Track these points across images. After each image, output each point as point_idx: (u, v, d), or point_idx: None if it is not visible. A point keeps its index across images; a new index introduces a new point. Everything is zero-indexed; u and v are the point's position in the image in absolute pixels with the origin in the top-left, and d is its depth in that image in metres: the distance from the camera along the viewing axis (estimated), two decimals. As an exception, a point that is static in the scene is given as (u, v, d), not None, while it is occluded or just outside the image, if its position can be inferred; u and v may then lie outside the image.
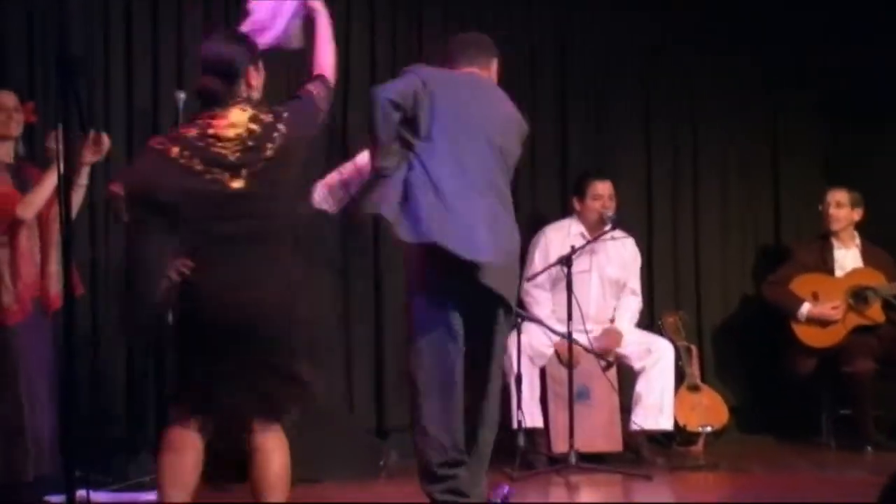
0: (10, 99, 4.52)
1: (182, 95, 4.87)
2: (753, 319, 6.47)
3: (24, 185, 4.43)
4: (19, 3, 5.18)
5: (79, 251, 5.07)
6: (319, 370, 3.44)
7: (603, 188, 5.62)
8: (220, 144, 3.32)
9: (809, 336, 5.92)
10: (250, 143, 3.34)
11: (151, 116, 5.36)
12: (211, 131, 3.34)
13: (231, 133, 3.34)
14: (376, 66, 5.93)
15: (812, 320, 5.91)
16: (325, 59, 3.60)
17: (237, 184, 3.31)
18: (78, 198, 4.35)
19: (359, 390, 5.81)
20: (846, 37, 6.43)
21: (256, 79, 3.49)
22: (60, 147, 3.04)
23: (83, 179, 4.37)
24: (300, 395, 3.40)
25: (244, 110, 3.39)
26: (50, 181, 4.26)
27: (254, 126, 3.37)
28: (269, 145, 3.35)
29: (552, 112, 6.31)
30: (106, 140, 4.36)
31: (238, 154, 3.32)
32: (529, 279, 5.52)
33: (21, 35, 5.18)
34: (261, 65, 3.52)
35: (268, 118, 3.40)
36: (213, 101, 3.41)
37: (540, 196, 6.17)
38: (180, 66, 5.39)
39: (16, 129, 4.49)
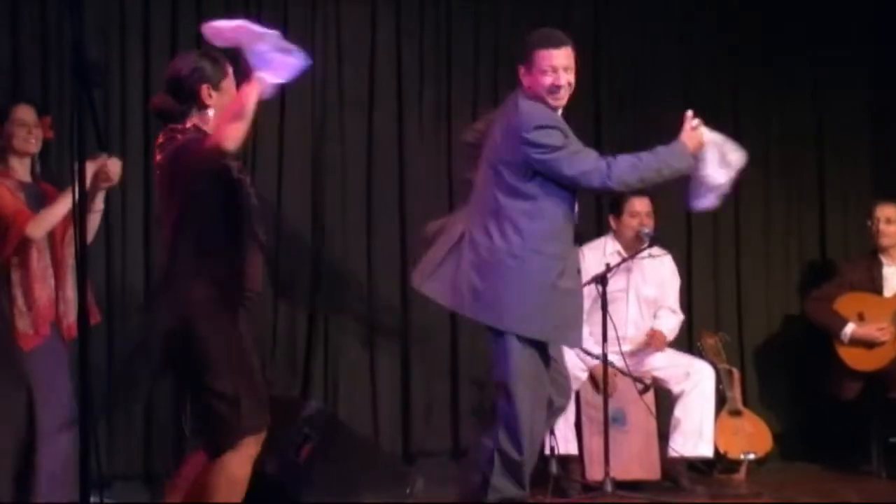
0: (29, 114, 4.46)
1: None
2: (798, 340, 6.42)
3: (39, 204, 4.40)
4: (34, 14, 5.22)
5: (94, 276, 5.13)
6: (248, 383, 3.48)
7: (641, 205, 5.60)
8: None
9: (854, 358, 5.86)
10: (159, 174, 3.56)
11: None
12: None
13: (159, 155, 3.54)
14: (402, 69, 5.95)
15: (857, 342, 5.85)
16: (224, 129, 3.40)
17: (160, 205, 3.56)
18: (94, 223, 4.32)
19: (384, 416, 5.81)
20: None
21: (212, 99, 3.56)
22: (76, 166, 3.02)
23: (98, 205, 4.31)
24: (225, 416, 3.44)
25: (160, 137, 3.56)
26: (64, 203, 4.26)
27: (159, 154, 3.54)
28: (163, 179, 3.53)
29: (586, 127, 6.29)
30: (116, 167, 4.31)
31: (158, 186, 3.58)
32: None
33: (35, 46, 5.22)
34: (224, 85, 3.57)
35: (167, 147, 3.52)
36: (165, 119, 3.59)
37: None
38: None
39: (35, 145, 4.45)
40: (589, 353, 5.29)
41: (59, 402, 4.31)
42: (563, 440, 5.29)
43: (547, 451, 5.13)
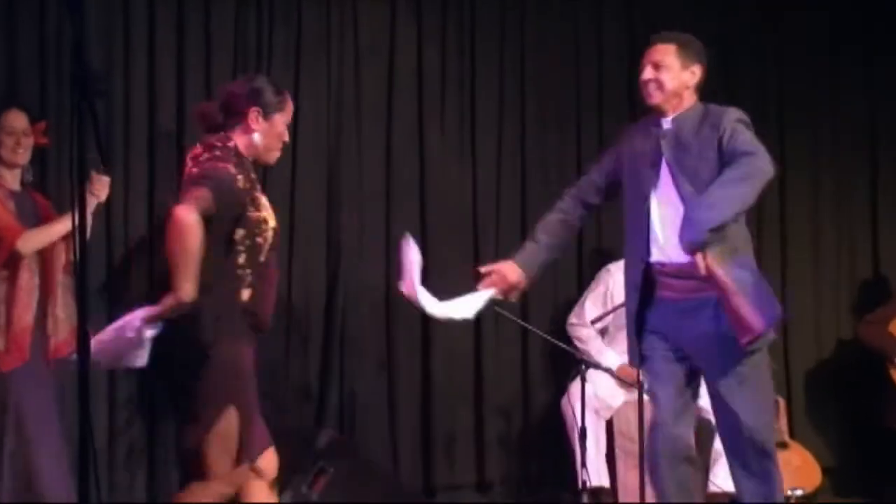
0: (19, 120, 4.46)
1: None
2: (850, 367, 6.38)
3: (29, 215, 4.42)
4: (32, 17, 5.25)
5: (94, 292, 5.16)
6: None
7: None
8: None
9: None
10: (181, 183, 3.74)
11: (175, 140, 5.41)
12: None
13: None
14: (423, 74, 5.96)
15: (915, 367, 5.84)
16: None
17: None
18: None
19: (404, 445, 5.80)
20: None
21: (258, 124, 3.70)
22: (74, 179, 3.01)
23: (86, 220, 4.33)
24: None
25: (197, 147, 3.71)
26: (62, 224, 4.30)
27: (190, 163, 3.71)
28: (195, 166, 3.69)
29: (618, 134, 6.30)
30: (104, 184, 4.36)
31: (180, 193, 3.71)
32: (594, 322, 5.50)
33: (33, 50, 5.24)
34: (276, 117, 3.76)
35: (200, 159, 3.65)
36: (206, 129, 3.77)
37: (605, 229, 6.14)
38: (208, 85, 5.44)
39: (24, 156, 4.47)
40: (624, 380, 5.28)
41: (44, 430, 4.31)
42: (595, 472, 5.27)
43: (578, 485, 5.11)
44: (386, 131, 5.89)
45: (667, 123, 4.00)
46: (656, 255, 3.96)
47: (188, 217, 3.46)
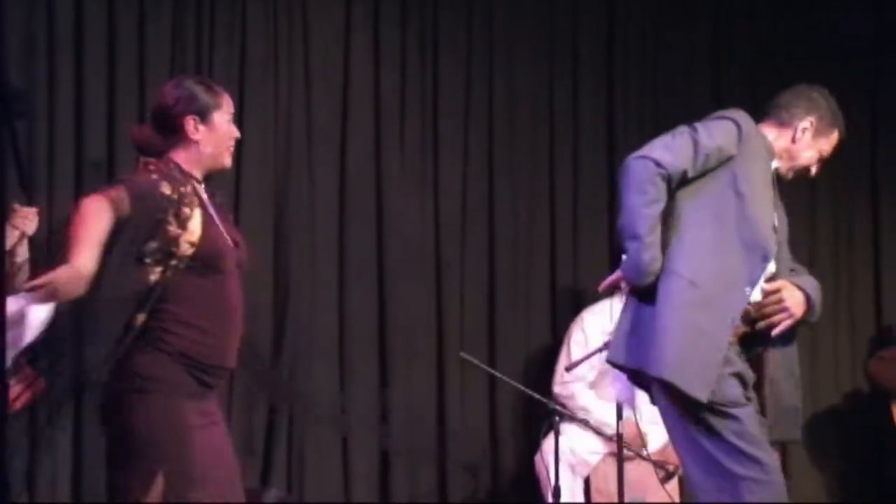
0: None
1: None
2: (852, 414, 6.46)
3: None
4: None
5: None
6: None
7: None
8: None
9: None
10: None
11: (106, 167, 5.40)
12: None
13: None
14: (380, 96, 6.00)
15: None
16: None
17: None
18: (20, 277, 4.32)
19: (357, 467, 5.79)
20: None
21: (199, 133, 3.64)
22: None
23: (19, 256, 4.29)
24: None
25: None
26: None
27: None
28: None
29: (596, 162, 6.37)
30: (30, 214, 4.32)
31: None
32: (568, 369, 5.51)
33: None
34: (216, 118, 3.67)
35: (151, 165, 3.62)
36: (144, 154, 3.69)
37: (581, 270, 6.18)
38: (142, 107, 5.45)
39: None
40: (600, 433, 5.30)
41: None
42: (570, 537, 5.28)
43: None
44: (340, 157, 5.91)
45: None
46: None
47: (95, 203, 3.40)
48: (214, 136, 3.67)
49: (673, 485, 5.50)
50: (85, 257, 3.36)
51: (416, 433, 5.91)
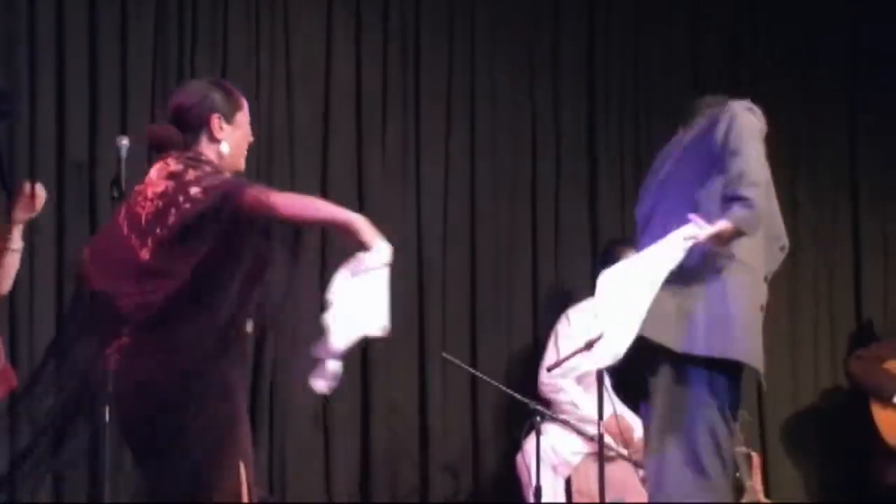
0: None
1: (125, 143, 4.87)
2: (833, 415, 6.47)
3: None
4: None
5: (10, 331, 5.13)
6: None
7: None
8: (139, 202, 3.48)
9: None
10: (160, 204, 3.43)
11: (87, 169, 5.40)
12: (140, 186, 3.49)
13: (149, 191, 3.47)
14: (362, 97, 6.01)
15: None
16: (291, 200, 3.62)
17: (145, 253, 3.42)
18: (11, 266, 4.32)
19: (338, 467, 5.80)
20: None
21: (223, 132, 3.61)
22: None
23: (15, 243, 4.29)
24: None
25: (167, 164, 3.50)
26: None
27: (169, 182, 3.47)
28: (174, 210, 3.43)
29: (577, 160, 6.39)
30: (41, 193, 4.33)
31: (150, 216, 3.44)
32: (549, 369, 5.53)
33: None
34: (238, 118, 3.65)
35: (188, 176, 3.48)
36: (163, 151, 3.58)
37: (564, 269, 6.20)
38: (124, 108, 5.45)
39: None
40: (582, 433, 5.32)
41: None
42: (551, 537, 5.31)
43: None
44: (321, 157, 5.92)
45: None
46: None
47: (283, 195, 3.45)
48: (236, 136, 3.65)
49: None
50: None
51: (398, 433, 5.93)
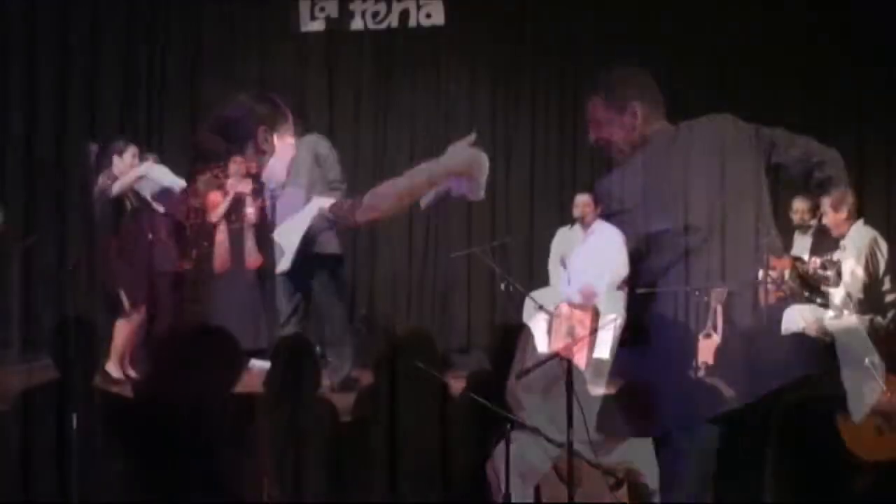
0: None
1: (95, 149, 4.88)
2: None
3: None
4: None
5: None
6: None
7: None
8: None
9: (865, 444, 5.88)
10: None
11: (55, 173, 5.40)
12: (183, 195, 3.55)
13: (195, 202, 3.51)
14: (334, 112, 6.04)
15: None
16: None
17: (187, 263, 3.45)
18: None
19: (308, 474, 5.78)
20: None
21: (268, 143, 3.62)
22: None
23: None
24: None
25: (216, 176, 3.53)
26: None
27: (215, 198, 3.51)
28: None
29: (556, 164, 6.44)
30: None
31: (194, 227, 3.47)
32: (519, 376, 5.56)
33: None
34: (284, 130, 3.67)
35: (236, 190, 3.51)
36: (206, 160, 3.61)
37: (537, 273, 6.24)
38: (93, 114, 5.46)
39: None
40: (551, 441, 5.34)
41: None
42: (519, 546, 5.32)
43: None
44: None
45: None
46: None
47: None
48: (280, 147, 3.68)
49: (623, 493, 5.56)
50: None
51: (366, 441, 5.94)
